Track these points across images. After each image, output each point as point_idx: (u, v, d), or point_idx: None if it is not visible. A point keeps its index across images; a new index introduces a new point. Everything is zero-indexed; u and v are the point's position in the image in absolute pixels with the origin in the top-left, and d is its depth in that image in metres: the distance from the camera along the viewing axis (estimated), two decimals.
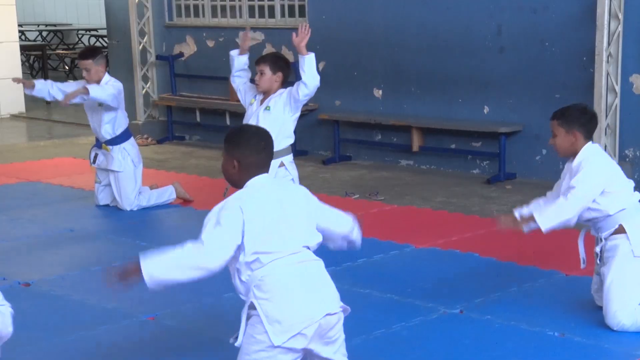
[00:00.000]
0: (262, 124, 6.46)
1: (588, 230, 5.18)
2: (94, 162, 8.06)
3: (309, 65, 6.65)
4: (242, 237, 3.87)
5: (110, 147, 7.96)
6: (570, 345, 4.84)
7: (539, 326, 5.07)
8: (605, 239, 5.01)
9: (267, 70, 6.85)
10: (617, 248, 4.98)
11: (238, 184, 4.03)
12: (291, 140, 6.87)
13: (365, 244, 6.81)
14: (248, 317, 3.92)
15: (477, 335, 5.00)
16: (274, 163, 6.42)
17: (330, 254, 6.63)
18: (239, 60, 7.21)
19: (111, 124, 7.95)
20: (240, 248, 3.89)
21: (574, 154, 5.11)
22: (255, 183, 3.98)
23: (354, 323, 4.94)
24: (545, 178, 8.78)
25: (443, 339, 4.98)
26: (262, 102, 6.94)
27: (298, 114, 6.89)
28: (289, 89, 6.80)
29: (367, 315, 5.29)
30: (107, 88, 7.75)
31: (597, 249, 5.08)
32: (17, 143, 11.91)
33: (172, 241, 6.92)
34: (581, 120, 5.13)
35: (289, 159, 6.82)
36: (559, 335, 4.97)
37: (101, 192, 8.13)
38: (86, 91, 7.65)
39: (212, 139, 11.62)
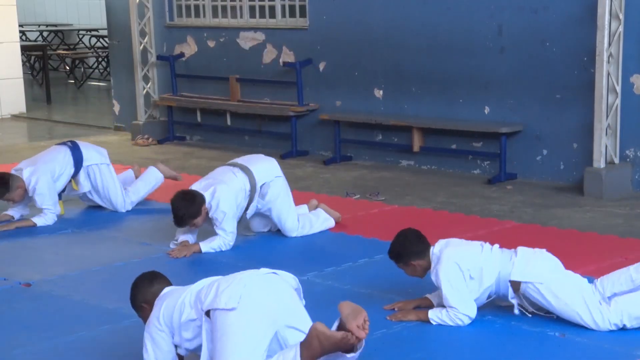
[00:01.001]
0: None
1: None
2: (64, 191, 7.91)
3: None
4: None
5: (77, 177, 7.88)
6: (571, 346, 4.84)
7: (540, 326, 5.07)
8: (512, 297, 5.09)
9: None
10: (528, 295, 5.05)
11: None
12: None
13: (366, 245, 6.85)
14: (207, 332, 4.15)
15: (478, 336, 5.00)
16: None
17: (331, 255, 6.65)
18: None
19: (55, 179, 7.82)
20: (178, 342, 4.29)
21: (427, 269, 5.21)
22: (159, 297, 4.40)
23: None
24: (546, 178, 8.79)
25: (444, 339, 4.98)
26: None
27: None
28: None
29: (368, 316, 5.27)
30: (45, 213, 7.59)
31: (516, 311, 5.12)
32: (18, 143, 11.91)
33: (172, 241, 6.95)
34: (407, 250, 5.21)
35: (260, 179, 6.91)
36: (560, 335, 4.97)
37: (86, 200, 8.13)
38: (33, 224, 7.58)
39: (212, 139, 11.62)
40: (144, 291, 4.48)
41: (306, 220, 7.11)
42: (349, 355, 3.99)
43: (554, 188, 8.53)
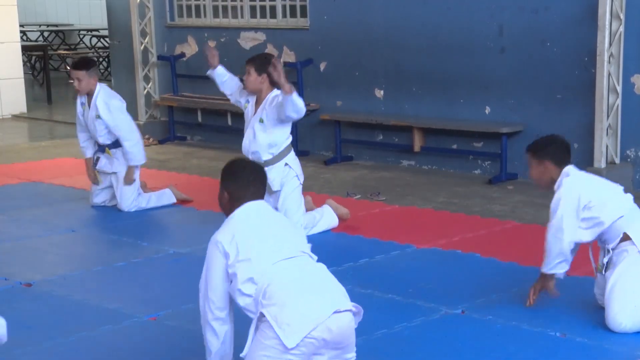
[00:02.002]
0: (258, 136, 6.82)
1: (595, 242, 5.22)
2: (96, 165, 8.06)
3: (292, 105, 6.66)
4: (227, 268, 4.03)
5: (113, 150, 7.96)
6: (572, 346, 4.85)
7: (541, 326, 5.08)
8: (613, 249, 5.05)
9: (253, 72, 6.95)
10: (624, 253, 5.02)
11: (228, 214, 4.22)
12: (289, 140, 7.05)
13: (366, 245, 6.86)
14: (257, 329, 3.93)
15: (479, 336, 5.01)
16: (280, 164, 6.92)
17: (332, 255, 6.65)
18: (217, 74, 7.34)
19: (108, 134, 7.93)
20: (233, 275, 4.02)
21: (551, 182, 5.18)
22: (240, 211, 4.15)
23: None
24: None
25: (444, 339, 4.99)
26: (255, 107, 7.02)
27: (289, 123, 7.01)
28: (278, 103, 6.81)
29: (369, 316, 5.25)
30: (133, 138, 7.86)
31: (605, 260, 5.09)
32: (19, 143, 11.91)
33: (173, 241, 6.97)
34: (549, 149, 5.20)
35: (291, 157, 7.06)
36: (561, 335, 4.97)
37: (98, 193, 8.13)
38: (132, 173, 7.87)
39: (213, 139, 11.63)
40: (236, 182, 4.18)
41: (309, 221, 7.12)
42: None
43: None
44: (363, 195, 8.50)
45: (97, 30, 19.55)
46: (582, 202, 5.03)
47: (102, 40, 19.28)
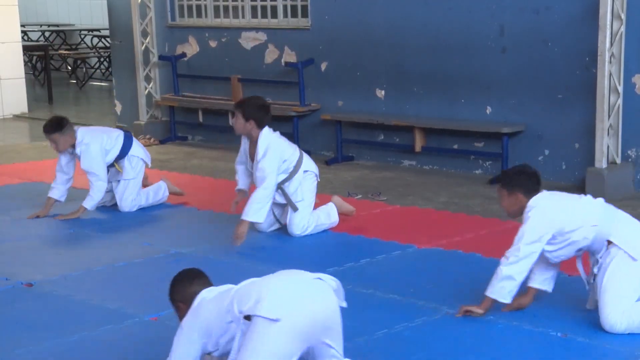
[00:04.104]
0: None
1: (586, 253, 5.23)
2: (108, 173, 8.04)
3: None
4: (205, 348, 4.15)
5: (120, 162, 7.96)
6: (573, 346, 4.84)
7: (542, 326, 5.07)
8: (601, 257, 5.05)
9: (240, 117, 6.97)
10: (610, 255, 5.01)
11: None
12: (296, 152, 7.17)
13: (368, 245, 6.86)
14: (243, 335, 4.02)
15: (480, 336, 5.00)
16: (299, 174, 7.09)
17: (333, 255, 6.65)
18: (244, 183, 7.36)
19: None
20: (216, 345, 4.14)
21: (522, 212, 5.20)
22: (201, 300, 4.20)
23: (357, 323, 4.96)
24: (548, 178, 8.78)
25: (446, 339, 4.98)
26: (249, 149, 7.09)
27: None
28: (265, 153, 6.87)
29: (370, 316, 5.29)
30: (92, 187, 7.75)
31: (595, 269, 5.09)
32: (20, 143, 11.91)
33: (174, 241, 6.97)
34: (519, 180, 5.23)
35: (307, 161, 7.21)
36: (562, 335, 4.97)
37: None
38: (84, 209, 7.75)
39: (214, 139, 11.63)
40: (182, 290, 4.31)
41: (312, 221, 7.13)
42: None
43: (556, 188, 8.43)
44: (364, 195, 8.50)
45: (98, 30, 19.55)
46: (551, 232, 5.06)
47: (103, 40, 19.27)
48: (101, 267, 6.44)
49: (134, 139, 8.18)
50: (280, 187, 7.02)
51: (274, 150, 6.91)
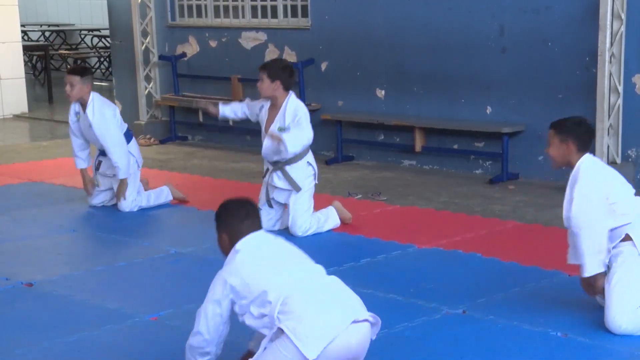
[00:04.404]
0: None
1: None
2: (98, 169, 8.04)
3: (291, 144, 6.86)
4: (234, 305, 4.08)
5: None
6: (573, 346, 4.84)
7: (542, 326, 5.07)
8: (613, 248, 5.02)
9: (265, 78, 6.98)
10: (622, 254, 4.98)
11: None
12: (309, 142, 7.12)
13: (368, 245, 6.86)
14: (270, 341, 3.95)
15: (480, 336, 5.00)
16: (303, 162, 7.02)
17: (333, 255, 6.65)
18: (226, 115, 7.49)
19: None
20: (244, 307, 4.06)
21: (567, 165, 5.11)
22: (243, 248, 4.14)
23: None
24: (548, 178, 8.78)
25: (446, 339, 4.98)
26: (269, 111, 7.04)
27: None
28: (295, 117, 6.92)
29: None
30: (115, 155, 7.77)
31: (605, 260, 5.05)
32: (20, 143, 11.91)
33: (175, 241, 6.97)
34: (576, 131, 5.09)
35: (311, 155, 7.16)
36: (562, 335, 4.97)
37: (97, 195, 8.13)
38: (125, 181, 7.83)
39: (214, 139, 11.63)
40: (231, 224, 4.18)
41: (314, 222, 7.13)
42: None
43: (556, 188, 8.51)
44: (364, 195, 8.50)
45: (98, 30, 19.55)
46: (602, 193, 4.96)
47: (103, 40, 19.27)
48: (101, 267, 6.44)
49: (134, 138, 8.18)
50: (282, 168, 7.03)
51: (306, 112, 6.96)
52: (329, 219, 7.21)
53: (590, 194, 4.92)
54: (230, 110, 7.43)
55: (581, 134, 5.09)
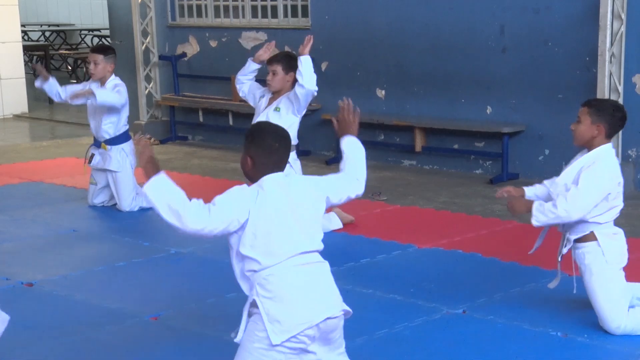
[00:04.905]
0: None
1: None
2: (90, 162, 8.07)
3: (305, 67, 6.74)
4: (241, 231, 3.99)
5: (109, 146, 7.97)
6: (573, 346, 4.84)
7: (542, 326, 5.07)
8: (575, 240, 4.99)
9: (280, 70, 6.97)
10: (588, 254, 4.95)
11: (252, 180, 4.10)
12: (295, 141, 7.03)
13: (368, 244, 6.86)
14: (250, 315, 3.93)
15: (480, 336, 5.00)
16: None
17: (333, 255, 6.64)
18: (252, 66, 7.39)
19: (113, 125, 7.98)
20: (238, 240, 4.01)
21: (589, 146, 5.02)
22: (266, 183, 4.01)
23: (357, 323, 4.95)
24: (548, 178, 8.76)
25: (446, 339, 4.98)
26: (270, 101, 7.04)
27: (301, 115, 6.98)
28: (292, 91, 6.88)
29: (370, 316, 5.29)
30: (113, 94, 7.79)
31: (564, 250, 5.04)
32: (20, 143, 11.91)
33: (175, 241, 6.96)
34: (612, 117, 4.97)
35: (292, 156, 6.97)
36: (562, 335, 4.97)
37: (97, 194, 8.14)
38: (92, 93, 7.72)
39: (215, 139, 11.63)
40: (261, 154, 4.01)
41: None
42: None
43: None
44: (364, 195, 8.47)
45: (98, 30, 19.56)
46: (609, 191, 4.95)
47: (103, 40, 19.27)
48: (101, 267, 6.44)
49: (132, 139, 8.17)
50: None
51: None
52: (332, 222, 7.20)
53: (598, 183, 4.89)
54: (250, 70, 7.46)
55: (615, 121, 4.99)
